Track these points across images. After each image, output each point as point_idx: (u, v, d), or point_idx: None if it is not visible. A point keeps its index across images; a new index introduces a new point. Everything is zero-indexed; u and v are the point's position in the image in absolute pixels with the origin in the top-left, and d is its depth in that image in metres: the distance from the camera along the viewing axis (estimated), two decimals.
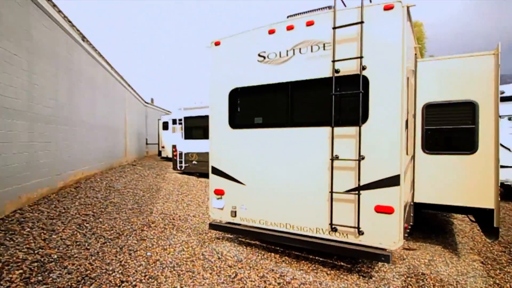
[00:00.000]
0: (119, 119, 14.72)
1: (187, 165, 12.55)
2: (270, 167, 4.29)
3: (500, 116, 4.03)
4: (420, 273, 4.19)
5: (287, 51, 4.15)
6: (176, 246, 4.65)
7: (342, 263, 4.35)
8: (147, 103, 24.31)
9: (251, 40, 4.46)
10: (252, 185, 4.46)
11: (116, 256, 4.21)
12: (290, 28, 4.13)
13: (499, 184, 3.98)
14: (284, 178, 4.18)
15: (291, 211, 4.14)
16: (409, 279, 4.03)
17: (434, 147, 4.52)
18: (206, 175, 12.14)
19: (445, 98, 4.46)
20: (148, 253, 4.33)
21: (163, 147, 19.50)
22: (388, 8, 3.45)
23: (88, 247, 4.45)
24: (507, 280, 4.07)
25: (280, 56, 4.21)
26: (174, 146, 13.05)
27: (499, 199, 3.99)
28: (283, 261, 4.40)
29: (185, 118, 12.52)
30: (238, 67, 4.57)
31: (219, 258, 4.29)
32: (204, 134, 12.08)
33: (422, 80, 4.66)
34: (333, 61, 3.70)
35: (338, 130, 3.77)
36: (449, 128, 4.44)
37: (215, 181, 4.82)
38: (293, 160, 4.11)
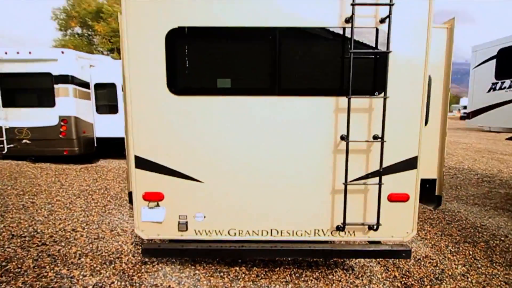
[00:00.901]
0: None
1: (12, 145, 8.55)
2: (244, 154, 2.94)
3: None
4: None
5: None
6: None
7: (314, 259, 3.70)
8: None
9: None
10: (215, 182, 2.98)
11: None
12: None
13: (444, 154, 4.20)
14: (266, 169, 2.95)
15: (278, 212, 3.01)
16: (378, 260, 3.83)
17: None
18: (46, 159, 8.72)
19: None
20: None
21: None
22: None
23: None
24: (437, 239, 4.52)
25: None
26: None
27: (443, 169, 4.18)
28: (257, 276, 3.30)
29: (2, 75, 8.29)
30: None
31: None
32: (40, 100, 8.48)
33: None
34: (353, 5, 2.65)
35: (345, 101, 2.85)
36: None
37: (144, 180, 2.99)
38: (281, 142, 2.92)
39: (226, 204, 3.01)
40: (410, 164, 2.93)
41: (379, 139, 2.81)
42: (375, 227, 2.91)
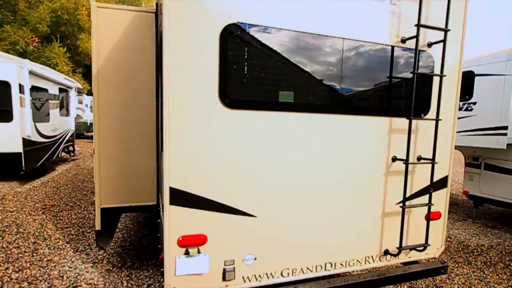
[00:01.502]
0: None
1: None
2: (300, 179, 2.53)
3: None
4: None
5: None
6: None
7: None
8: None
9: None
10: (269, 215, 2.46)
11: None
12: None
13: None
14: (322, 194, 2.62)
15: (332, 242, 2.69)
16: None
17: None
18: None
19: None
20: None
21: None
22: None
23: None
24: None
25: None
26: None
27: None
28: None
29: None
30: None
31: None
32: None
33: None
34: (418, 26, 2.62)
35: (396, 122, 2.80)
36: None
37: (182, 219, 2.22)
38: (338, 165, 2.65)
39: (279, 239, 2.52)
40: (443, 183, 3.07)
41: (429, 160, 2.85)
42: (423, 247, 2.92)
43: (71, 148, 11.75)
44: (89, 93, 19.30)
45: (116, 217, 3.87)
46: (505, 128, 5.41)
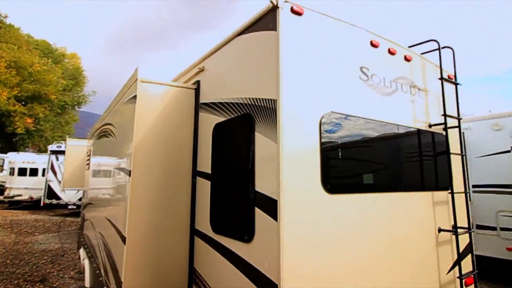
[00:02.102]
0: None
1: None
2: (383, 257, 2.54)
3: None
4: None
5: (390, 81, 2.90)
6: None
7: None
8: None
9: (349, 40, 2.62)
10: None
11: None
12: (392, 52, 2.96)
13: None
14: (398, 272, 2.65)
15: None
16: None
17: None
18: None
19: None
20: None
21: None
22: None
23: None
24: None
25: (384, 84, 2.82)
26: None
27: None
28: None
29: None
30: (332, 73, 2.44)
31: None
32: None
33: None
34: (445, 116, 3.11)
35: (435, 195, 3.12)
36: None
37: None
38: (406, 239, 2.76)
39: None
40: (470, 248, 3.40)
41: (465, 229, 3.15)
42: None
43: None
44: None
45: None
46: None
